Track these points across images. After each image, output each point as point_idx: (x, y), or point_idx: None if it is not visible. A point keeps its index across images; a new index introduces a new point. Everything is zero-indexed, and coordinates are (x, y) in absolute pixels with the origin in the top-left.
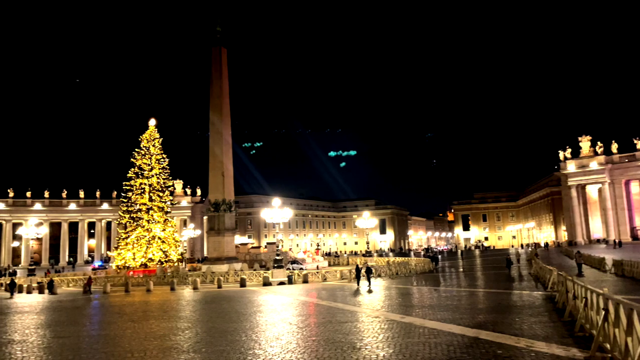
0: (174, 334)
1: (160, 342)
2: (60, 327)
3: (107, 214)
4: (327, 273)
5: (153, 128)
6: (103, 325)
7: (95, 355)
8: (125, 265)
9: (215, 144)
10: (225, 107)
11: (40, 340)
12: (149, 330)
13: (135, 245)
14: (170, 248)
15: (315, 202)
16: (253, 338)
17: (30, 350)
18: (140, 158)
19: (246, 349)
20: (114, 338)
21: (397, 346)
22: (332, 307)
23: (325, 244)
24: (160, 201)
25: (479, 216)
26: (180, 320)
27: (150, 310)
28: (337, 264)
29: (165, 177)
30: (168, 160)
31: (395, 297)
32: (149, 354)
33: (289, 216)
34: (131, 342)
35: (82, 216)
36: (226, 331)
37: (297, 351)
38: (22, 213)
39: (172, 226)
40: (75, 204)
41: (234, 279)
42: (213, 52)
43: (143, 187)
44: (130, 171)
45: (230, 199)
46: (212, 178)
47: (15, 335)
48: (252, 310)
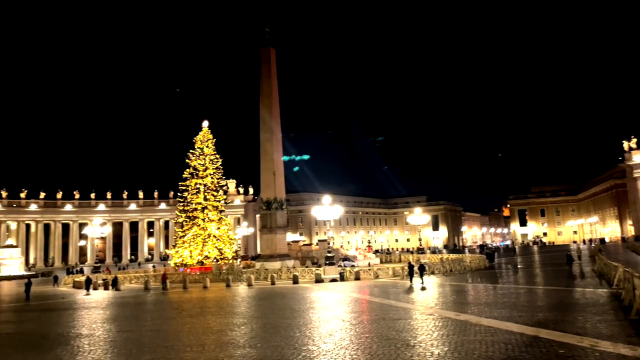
0: (230, 329)
1: (217, 337)
2: (124, 322)
3: (164, 213)
4: (379, 270)
5: (206, 129)
6: (163, 321)
7: (157, 349)
8: (182, 262)
9: (266, 143)
10: (275, 106)
11: (106, 334)
12: (207, 326)
13: (192, 243)
14: (225, 246)
15: (366, 199)
16: (307, 334)
17: (97, 344)
18: (195, 159)
19: (300, 345)
20: (173, 333)
21: (452, 344)
22: (384, 304)
23: (376, 241)
24: (214, 200)
25: (537, 211)
26: (235, 316)
27: (207, 306)
28: (389, 261)
29: (219, 176)
30: (221, 160)
31: (449, 295)
32: (207, 348)
33: (339, 213)
34: (189, 337)
35: (141, 216)
36: (280, 327)
37: (351, 347)
38: (87, 214)
39: (227, 224)
40: (135, 204)
41: (286, 276)
42: (262, 53)
43: (198, 187)
44: (185, 172)
45: (281, 197)
46: (264, 177)
47: (83, 329)
48: (305, 307)
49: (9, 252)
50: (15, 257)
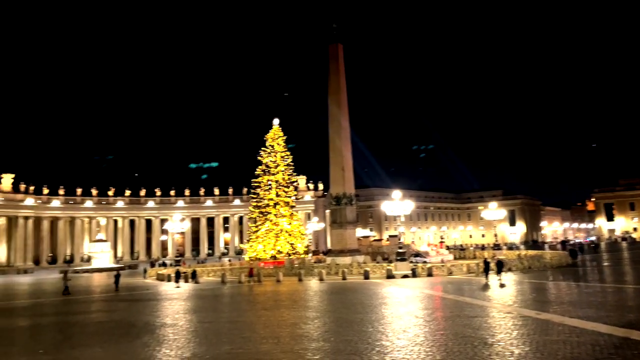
0: (304, 322)
1: (292, 330)
2: (203, 313)
3: (238, 209)
4: (452, 266)
5: (277, 127)
6: (240, 313)
7: (235, 340)
8: (256, 257)
9: (335, 138)
10: (343, 102)
11: (188, 324)
12: (281, 319)
13: (265, 238)
14: (297, 241)
15: (437, 193)
16: (380, 329)
17: (180, 333)
18: (266, 156)
19: (373, 340)
20: (249, 325)
21: (533, 344)
22: (459, 301)
23: (449, 236)
24: (286, 196)
25: (625, 205)
26: (308, 309)
27: (280, 299)
28: (463, 258)
29: (290, 173)
30: (291, 157)
31: (528, 292)
32: (282, 340)
33: (410, 208)
34: (265, 329)
35: (217, 211)
36: (353, 322)
37: (425, 344)
38: (168, 210)
39: (298, 220)
40: (211, 200)
41: (357, 271)
42: (330, 49)
43: (270, 183)
44: (258, 169)
45: (350, 193)
46: (333, 172)
47: (167, 319)
48: (377, 302)
49: (100, 246)
50: (106, 251)
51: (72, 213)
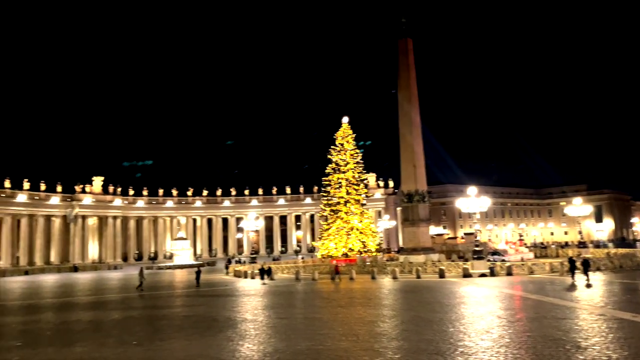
0: (381, 320)
1: (370, 327)
2: (280, 309)
3: (310, 207)
4: (533, 265)
5: (346, 125)
6: (316, 310)
7: (314, 336)
8: (328, 254)
9: (406, 134)
10: (414, 97)
11: (267, 320)
12: (357, 316)
13: (336, 235)
14: (368, 238)
15: (515, 189)
16: (460, 329)
17: (260, 328)
18: (336, 154)
19: (455, 340)
20: (327, 322)
21: (632, 348)
22: (543, 301)
23: (528, 234)
24: (356, 194)
25: None
26: (384, 307)
27: (355, 297)
28: (544, 256)
29: (360, 171)
30: (361, 154)
31: (620, 294)
32: (361, 338)
33: (486, 205)
34: (343, 326)
35: (289, 210)
36: (432, 321)
37: (512, 346)
38: (242, 209)
39: (368, 217)
40: (283, 199)
41: (432, 270)
42: (399, 44)
43: (340, 181)
44: (328, 167)
45: (422, 189)
46: (404, 169)
47: (246, 314)
48: (455, 302)
49: (180, 244)
50: (186, 248)
51: (155, 213)
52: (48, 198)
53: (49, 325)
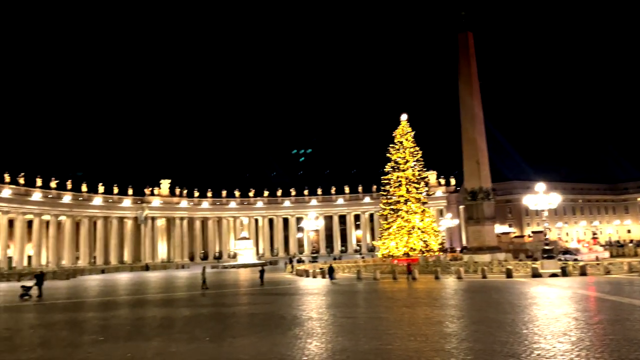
0: (450, 321)
1: (438, 328)
2: (345, 309)
3: (369, 206)
4: (610, 265)
5: (405, 123)
6: (381, 309)
7: (382, 336)
8: (389, 254)
9: (468, 130)
10: (476, 91)
11: (333, 319)
12: (424, 316)
13: (397, 235)
14: (430, 238)
15: (587, 184)
16: (535, 331)
17: (327, 327)
18: (395, 152)
19: (530, 342)
20: (393, 321)
21: None
22: (624, 303)
23: (602, 232)
24: (416, 192)
25: None
26: (451, 308)
27: (420, 297)
28: (622, 255)
29: (420, 168)
30: (421, 152)
31: None
32: (430, 338)
33: (556, 202)
34: (411, 327)
35: (348, 209)
36: (503, 322)
37: (593, 349)
38: (302, 209)
39: (430, 216)
40: (342, 198)
41: (498, 270)
42: (459, 38)
43: (400, 180)
44: (387, 165)
45: (487, 187)
46: (467, 166)
47: (312, 313)
48: (526, 303)
49: (244, 244)
50: (249, 248)
51: (219, 213)
52: (121, 201)
53: (126, 321)
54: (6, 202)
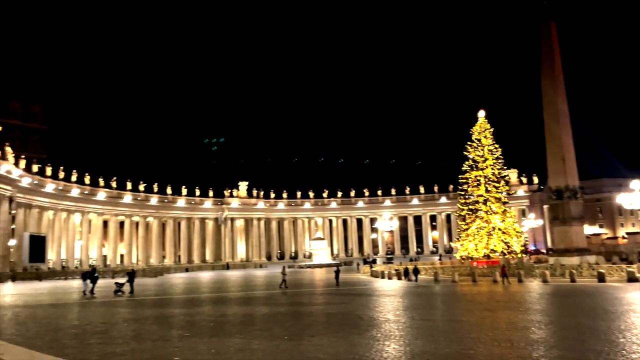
0: (536, 326)
1: (524, 334)
2: (422, 311)
3: (445, 207)
4: None
5: (483, 119)
6: (461, 312)
7: (463, 340)
8: (468, 256)
9: (552, 125)
10: (560, 85)
11: (410, 321)
12: (508, 321)
13: (476, 236)
14: (512, 239)
15: None
16: (634, 340)
17: (404, 329)
18: (473, 150)
19: (629, 352)
20: (474, 325)
21: None
22: None
23: None
24: (496, 192)
25: None
26: (537, 313)
27: (502, 300)
28: None
29: (500, 167)
30: (501, 150)
31: None
32: (515, 344)
33: None
34: (493, 331)
35: (423, 210)
36: (596, 329)
37: None
38: (376, 209)
39: (511, 216)
40: (417, 199)
41: (588, 273)
42: (541, 29)
43: (478, 179)
44: (464, 164)
45: (574, 185)
46: (551, 163)
47: (389, 314)
48: (621, 309)
49: (318, 244)
50: (324, 248)
51: (294, 214)
52: (202, 202)
53: (210, 318)
54: (101, 205)
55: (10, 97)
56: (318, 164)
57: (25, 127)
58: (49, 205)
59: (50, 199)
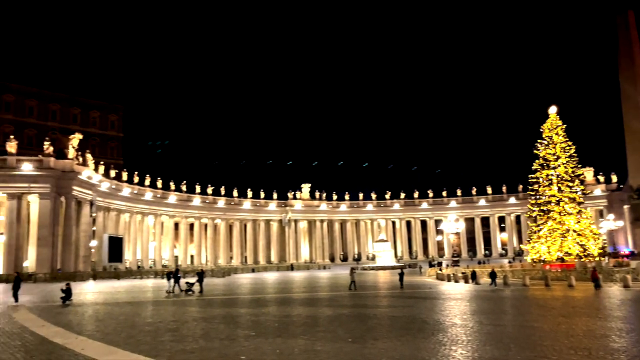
0: (616, 334)
1: (603, 342)
2: (491, 315)
3: (514, 207)
4: None
5: (554, 116)
6: (532, 318)
7: (535, 347)
8: (540, 258)
9: (631, 121)
10: (639, 78)
11: (478, 326)
12: (585, 328)
13: (548, 238)
14: (588, 241)
15: None
16: None
17: (472, 334)
18: (544, 148)
19: None
20: (548, 332)
21: None
22: None
23: None
24: (570, 192)
25: None
26: (617, 320)
27: (578, 306)
28: None
29: (573, 165)
30: (574, 147)
31: None
32: (594, 353)
33: None
34: (569, 338)
35: (491, 211)
36: None
37: None
38: (441, 211)
39: (587, 217)
40: (484, 199)
41: None
42: (618, 20)
43: (550, 178)
44: (534, 163)
45: None
46: (631, 161)
47: (455, 319)
48: None
49: (381, 246)
50: (387, 250)
51: (356, 216)
52: (266, 204)
53: (274, 318)
54: (172, 207)
55: (90, 107)
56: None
57: (104, 134)
58: (125, 208)
59: (126, 202)
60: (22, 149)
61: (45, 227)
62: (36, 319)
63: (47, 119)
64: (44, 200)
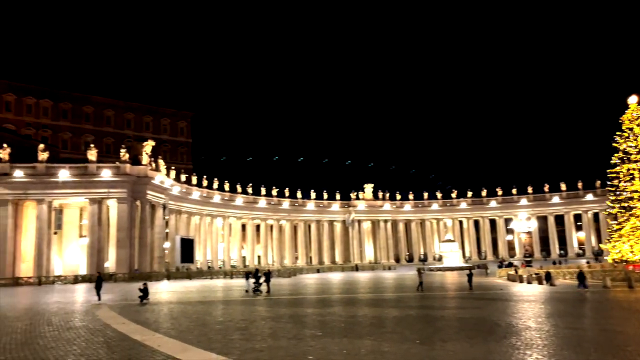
0: None
1: None
2: (568, 318)
3: (591, 204)
4: None
5: (635, 106)
6: (615, 321)
7: (617, 352)
8: (622, 258)
9: None
10: None
11: (554, 329)
12: None
13: (631, 237)
14: None
15: None
16: None
17: (548, 338)
18: (624, 141)
19: None
20: (633, 336)
21: None
22: None
23: None
24: None
25: None
26: None
27: None
28: None
29: None
30: None
31: None
32: None
33: None
34: None
35: (566, 209)
36: None
37: None
38: (511, 209)
39: None
40: (557, 197)
41: None
42: None
43: (632, 172)
44: (614, 157)
45: None
46: None
47: (529, 321)
48: None
49: (448, 246)
50: (454, 250)
51: (421, 216)
52: (329, 205)
53: (341, 318)
54: (239, 209)
55: (161, 115)
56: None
57: (174, 140)
58: (195, 211)
59: (196, 205)
60: (101, 156)
61: (123, 229)
62: (117, 316)
63: (123, 127)
64: (122, 205)
